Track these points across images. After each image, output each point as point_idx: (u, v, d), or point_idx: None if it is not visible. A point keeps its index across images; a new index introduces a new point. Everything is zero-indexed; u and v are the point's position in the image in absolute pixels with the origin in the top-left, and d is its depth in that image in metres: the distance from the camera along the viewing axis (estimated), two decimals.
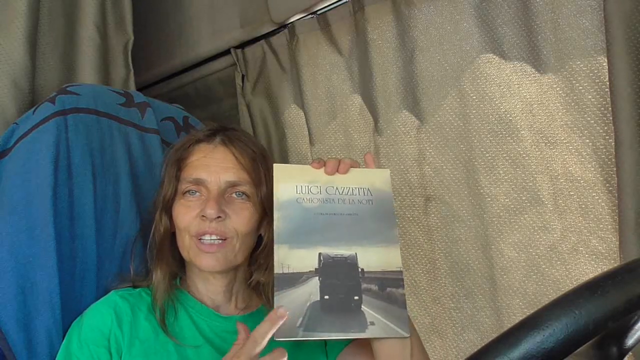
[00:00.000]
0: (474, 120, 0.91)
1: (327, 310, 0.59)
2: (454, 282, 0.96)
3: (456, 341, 0.96)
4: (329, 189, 0.66)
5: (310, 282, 0.61)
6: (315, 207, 0.65)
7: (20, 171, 0.75)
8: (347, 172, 0.67)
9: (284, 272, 0.61)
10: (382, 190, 0.67)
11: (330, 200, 0.66)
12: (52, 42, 0.96)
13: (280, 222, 0.64)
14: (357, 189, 0.67)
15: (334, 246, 0.63)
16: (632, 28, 0.69)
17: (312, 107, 1.12)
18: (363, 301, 0.60)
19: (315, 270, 0.61)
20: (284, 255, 0.62)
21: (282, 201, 0.65)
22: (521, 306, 0.87)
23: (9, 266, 0.71)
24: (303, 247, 0.63)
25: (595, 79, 0.78)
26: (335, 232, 0.64)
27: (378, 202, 0.66)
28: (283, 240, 0.63)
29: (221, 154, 0.72)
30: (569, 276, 0.83)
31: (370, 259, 0.62)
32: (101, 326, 0.67)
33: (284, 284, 0.60)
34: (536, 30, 0.82)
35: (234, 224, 0.69)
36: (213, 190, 0.70)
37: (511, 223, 0.88)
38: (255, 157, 0.73)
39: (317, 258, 0.62)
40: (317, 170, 0.66)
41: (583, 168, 0.80)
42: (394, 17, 0.98)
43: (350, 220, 0.65)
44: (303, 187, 0.66)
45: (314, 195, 0.66)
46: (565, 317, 0.26)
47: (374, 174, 0.68)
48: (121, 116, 0.86)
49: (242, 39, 1.24)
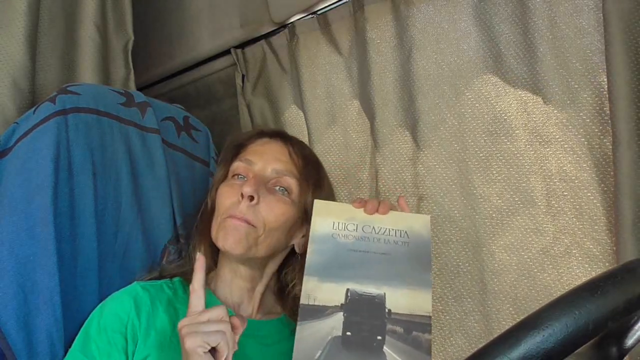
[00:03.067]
0: (469, 119, 0.91)
1: (347, 346, 0.59)
2: (443, 284, 0.94)
3: (444, 345, 0.95)
4: (366, 227, 0.66)
5: (334, 317, 0.60)
6: (350, 244, 0.65)
7: (20, 171, 0.75)
8: (387, 214, 0.67)
9: (310, 304, 0.61)
10: (420, 234, 0.66)
11: (365, 239, 0.65)
12: (52, 42, 0.96)
13: (313, 255, 0.64)
14: (394, 231, 0.66)
15: (363, 284, 0.62)
16: (631, 27, 0.69)
17: (311, 107, 1.12)
18: (386, 342, 0.59)
19: (341, 305, 0.61)
20: (312, 287, 0.62)
21: (317, 234, 0.65)
22: (511, 311, 0.86)
23: (9, 266, 0.71)
24: (332, 281, 0.62)
25: (590, 78, 0.78)
26: (366, 269, 0.63)
27: (414, 245, 0.65)
28: (313, 272, 0.63)
29: (278, 147, 0.76)
30: (561, 281, 0.82)
31: (399, 301, 0.61)
32: (120, 313, 0.67)
33: (308, 315, 0.60)
34: (533, 29, 0.82)
35: (264, 213, 0.69)
36: (258, 174, 0.72)
37: (503, 225, 0.87)
38: (309, 161, 0.76)
39: (344, 293, 0.62)
40: (356, 209, 0.67)
41: (578, 167, 0.80)
42: (393, 17, 0.98)
43: (383, 260, 0.64)
44: (340, 223, 0.66)
45: (349, 232, 0.66)
46: (565, 317, 0.26)
47: (414, 218, 0.68)
48: (122, 116, 0.86)
49: (242, 39, 1.24)
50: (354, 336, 0.59)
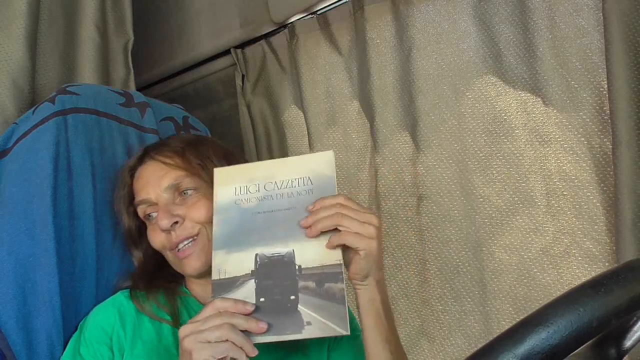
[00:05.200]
0: (469, 119, 0.91)
1: (262, 313, 0.56)
2: (443, 284, 0.95)
3: (443, 345, 0.95)
4: (268, 185, 0.63)
5: (246, 286, 0.58)
6: (253, 207, 0.62)
7: (20, 171, 0.75)
8: (287, 162, 0.64)
9: (221, 278, 0.59)
10: (323, 175, 0.62)
11: (268, 197, 0.62)
12: (52, 42, 0.95)
13: (217, 227, 0.61)
14: (297, 180, 0.62)
15: (271, 245, 0.59)
16: (631, 27, 0.69)
17: (311, 107, 1.12)
18: (300, 300, 0.56)
19: (251, 272, 0.58)
20: (220, 260, 0.60)
21: (220, 205, 0.63)
22: (511, 311, 0.86)
23: (9, 266, 0.71)
24: (240, 249, 0.60)
25: (590, 78, 0.78)
26: (272, 230, 0.60)
27: (318, 189, 0.61)
28: (220, 245, 0.61)
29: (152, 167, 0.73)
30: (561, 280, 0.83)
31: (308, 255, 0.58)
32: (104, 325, 0.68)
33: (220, 290, 0.58)
34: (533, 29, 0.82)
35: (194, 219, 0.68)
36: (160, 203, 0.70)
37: (503, 225, 0.87)
38: (182, 151, 0.73)
39: (253, 260, 0.59)
40: (256, 167, 0.64)
41: (577, 167, 0.80)
42: (393, 17, 0.98)
43: (288, 216, 0.60)
44: (242, 187, 0.63)
45: (252, 195, 0.62)
46: (570, 314, 0.26)
47: (316, 158, 0.63)
48: (121, 116, 0.86)
49: (242, 39, 1.24)
50: (267, 301, 0.57)
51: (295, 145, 1.22)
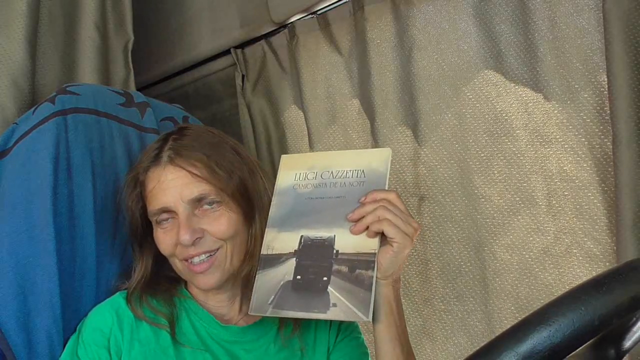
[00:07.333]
0: (470, 119, 0.91)
1: (296, 289, 0.61)
2: (445, 284, 0.95)
3: (445, 344, 0.95)
4: (325, 173, 0.68)
5: (288, 263, 0.63)
6: (308, 192, 0.67)
7: (20, 171, 0.75)
8: (346, 154, 0.68)
9: (268, 254, 0.65)
10: (377, 170, 0.65)
11: (323, 185, 0.67)
12: (52, 42, 0.95)
13: (274, 208, 0.67)
14: (352, 172, 0.66)
15: (316, 229, 0.64)
16: (631, 27, 0.69)
17: (311, 107, 1.12)
18: (331, 282, 0.60)
19: (294, 251, 0.64)
20: (271, 238, 0.65)
21: (280, 188, 0.68)
22: (512, 310, 0.86)
23: (9, 266, 0.71)
24: (289, 230, 0.65)
25: (591, 78, 0.78)
26: (320, 215, 0.65)
27: (369, 183, 0.65)
28: (274, 224, 0.66)
29: (172, 174, 0.68)
30: (562, 280, 0.83)
31: (347, 241, 0.62)
32: (102, 327, 0.68)
33: (266, 264, 0.64)
34: (533, 29, 0.82)
35: (216, 234, 0.67)
36: (181, 214, 0.66)
37: (504, 224, 0.87)
38: (206, 158, 0.68)
39: (298, 240, 0.64)
40: (318, 156, 0.68)
41: (578, 167, 0.80)
42: (393, 17, 0.98)
43: (337, 203, 0.65)
44: (302, 174, 0.68)
45: (309, 182, 0.68)
46: (572, 313, 0.26)
47: (374, 154, 0.68)
48: (121, 116, 0.86)
49: (242, 39, 1.24)
50: (303, 279, 0.62)
51: (295, 145, 1.22)
